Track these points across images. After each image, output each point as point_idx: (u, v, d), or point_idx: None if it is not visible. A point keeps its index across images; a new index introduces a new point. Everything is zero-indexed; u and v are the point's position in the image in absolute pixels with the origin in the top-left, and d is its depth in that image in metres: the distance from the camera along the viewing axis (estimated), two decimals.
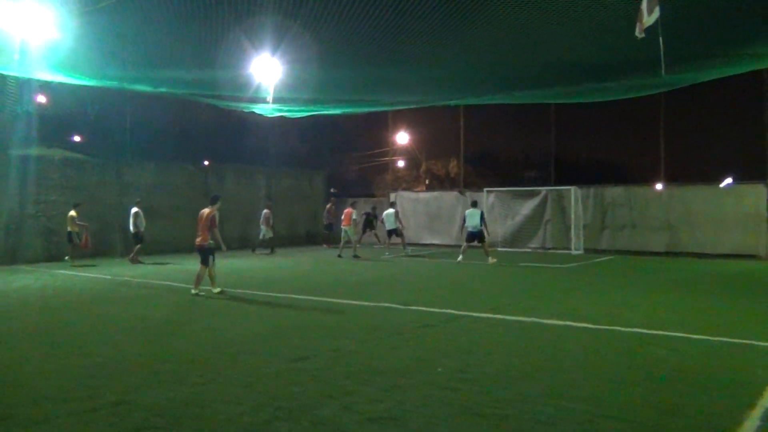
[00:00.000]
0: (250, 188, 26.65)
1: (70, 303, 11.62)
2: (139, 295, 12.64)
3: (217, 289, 12.27)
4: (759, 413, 5.12)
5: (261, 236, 23.73)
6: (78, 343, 8.07)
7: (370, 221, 24.10)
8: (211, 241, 12.26)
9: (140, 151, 23.60)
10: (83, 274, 16.13)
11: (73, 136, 30.52)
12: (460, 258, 18.90)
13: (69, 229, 18.44)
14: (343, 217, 22.16)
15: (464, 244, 19.31)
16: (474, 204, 19.70)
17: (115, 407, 5.38)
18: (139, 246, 18.97)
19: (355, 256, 20.66)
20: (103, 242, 20.67)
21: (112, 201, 21.36)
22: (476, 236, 18.95)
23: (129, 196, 21.77)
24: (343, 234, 21.90)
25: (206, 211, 12.37)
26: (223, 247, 12.57)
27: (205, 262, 12.28)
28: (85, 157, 22.13)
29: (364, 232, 24.08)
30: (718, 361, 6.93)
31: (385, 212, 22.69)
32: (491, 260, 18.44)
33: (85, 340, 8.28)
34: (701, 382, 6.05)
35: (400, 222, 22.77)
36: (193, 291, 12.20)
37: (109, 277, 15.49)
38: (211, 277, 12.37)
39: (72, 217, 18.42)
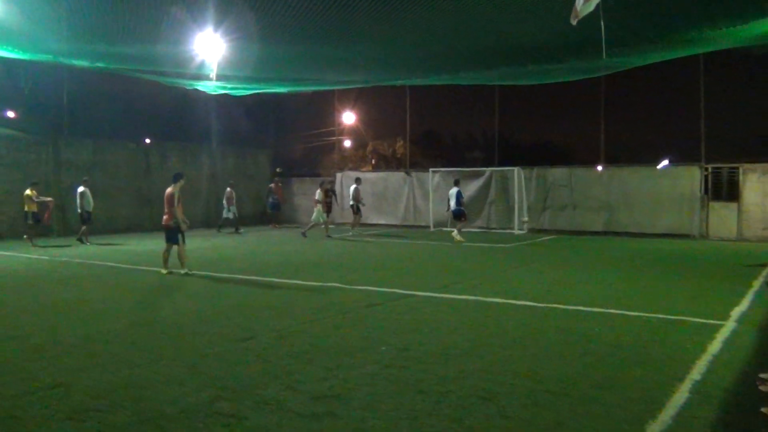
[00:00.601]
0: (193, 167, 26.16)
1: (4, 284, 11.25)
2: (78, 275, 12.33)
3: (184, 270, 12.10)
4: (688, 386, 5.35)
5: (224, 215, 23.44)
6: (12, 326, 7.84)
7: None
8: (176, 220, 12.08)
9: (78, 128, 22.88)
10: (17, 255, 15.61)
11: (5, 111, 29.31)
12: (459, 238, 19.02)
13: (26, 209, 17.76)
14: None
15: (458, 223, 19.52)
16: (456, 183, 19.96)
17: (50, 390, 5.26)
18: (85, 227, 18.44)
19: (303, 234, 20.69)
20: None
21: (48, 179, 20.68)
22: (456, 215, 19.33)
23: (67, 175, 21.16)
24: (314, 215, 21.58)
25: (169, 189, 12.17)
26: (183, 225, 12.31)
27: (172, 240, 12.14)
28: (19, 134, 21.30)
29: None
30: (651, 336, 7.18)
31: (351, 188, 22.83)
32: (458, 238, 18.74)
33: (20, 323, 8.04)
34: (635, 357, 6.27)
35: (357, 200, 22.68)
36: (182, 271, 12.06)
37: (47, 257, 15.05)
38: (180, 257, 12.25)
39: (28, 196, 17.76)
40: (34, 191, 17.95)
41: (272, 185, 26.32)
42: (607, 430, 4.43)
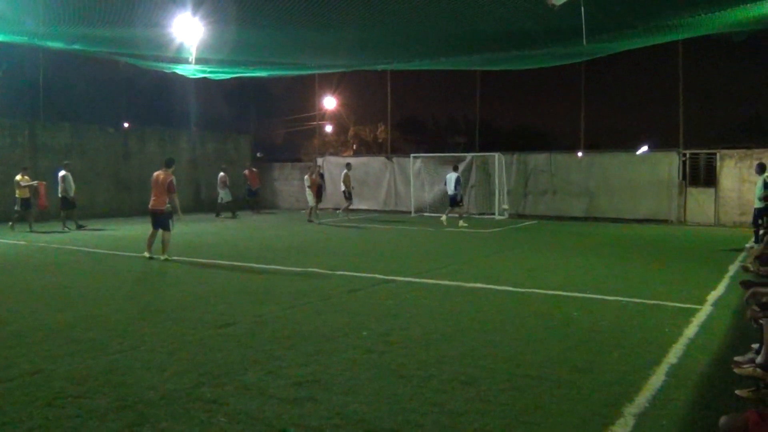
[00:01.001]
0: (173, 152, 25.89)
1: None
2: (56, 261, 12.21)
3: (164, 256, 11.99)
4: (664, 369, 5.44)
5: (219, 200, 23.29)
6: None
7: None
8: (169, 206, 12.00)
9: (55, 112, 22.57)
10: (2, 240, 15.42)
11: None
12: (461, 223, 19.23)
13: (17, 195, 17.46)
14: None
15: (456, 209, 19.68)
16: (455, 168, 20.03)
17: (30, 377, 5.22)
18: (66, 211, 18.09)
19: (309, 221, 20.74)
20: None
21: (25, 164, 20.36)
22: (453, 200, 19.49)
23: (44, 159, 20.88)
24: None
25: (161, 174, 12.04)
26: (180, 214, 12.33)
27: (163, 226, 12.01)
28: None
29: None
30: (629, 321, 7.28)
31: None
32: (461, 224, 19.03)
33: None
34: (613, 341, 6.36)
35: (348, 185, 22.67)
36: (162, 257, 11.93)
37: (24, 242, 14.88)
38: (164, 243, 12.13)
39: (17, 181, 17.44)
40: (25, 176, 17.64)
41: (246, 172, 26.07)
42: (584, 413, 4.49)
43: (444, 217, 19.38)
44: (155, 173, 12.26)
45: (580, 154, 22.42)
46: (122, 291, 9.22)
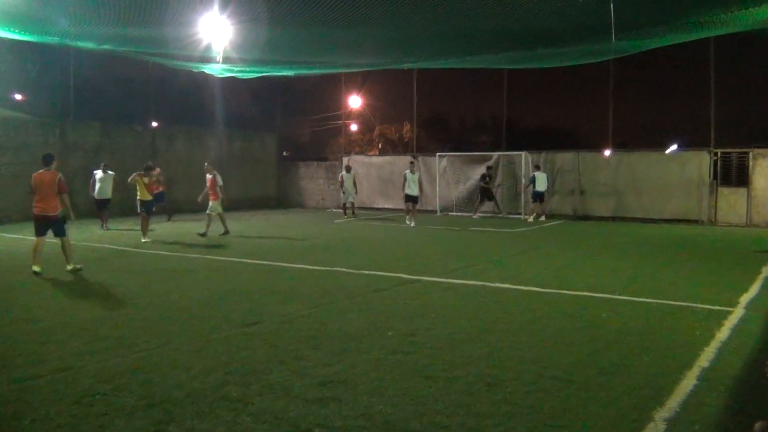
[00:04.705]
0: (201, 150, 26.14)
1: (16, 267, 11.30)
2: (84, 259, 12.36)
3: (71, 266, 10.83)
4: (696, 373, 5.33)
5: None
6: (23, 309, 7.87)
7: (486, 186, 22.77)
8: (61, 210, 10.74)
9: (85, 111, 22.86)
10: (30, 237, 15.64)
11: (13, 94, 29.31)
12: (532, 219, 21.04)
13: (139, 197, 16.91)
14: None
15: (538, 206, 21.50)
16: (537, 167, 21.47)
17: (59, 374, 5.28)
18: (101, 211, 18.09)
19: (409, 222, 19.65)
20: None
21: (57, 162, 20.67)
22: (536, 196, 21.31)
23: (75, 158, 21.18)
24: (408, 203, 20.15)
25: (45, 174, 10.61)
26: (73, 216, 11.23)
27: (59, 232, 10.88)
28: (26, 117, 21.31)
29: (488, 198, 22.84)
30: (659, 323, 7.16)
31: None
32: (541, 219, 21.12)
33: (30, 306, 8.08)
34: (643, 344, 6.25)
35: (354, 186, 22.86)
36: (69, 267, 10.78)
37: (53, 241, 15.06)
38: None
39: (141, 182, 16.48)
40: (149, 177, 15.77)
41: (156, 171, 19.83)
42: (613, 417, 4.41)
43: (530, 218, 21.20)
44: (37, 174, 10.57)
45: (607, 152, 22.13)
46: (149, 289, 9.30)
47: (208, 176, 16.88)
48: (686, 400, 4.70)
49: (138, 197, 15.55)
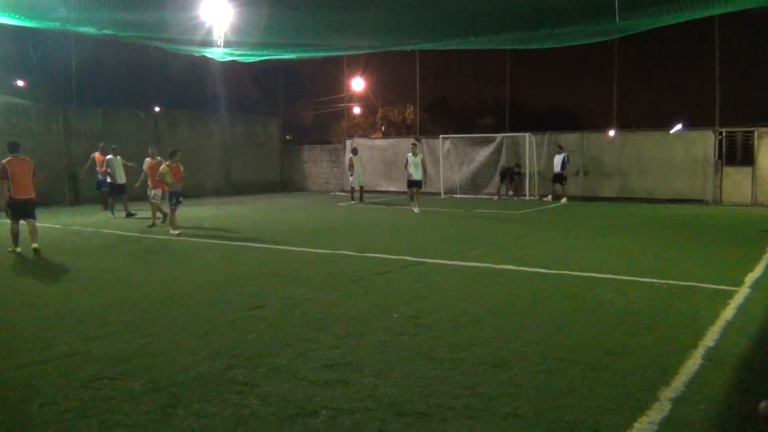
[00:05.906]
0: (203, 135, 26.14)
1: (20, 253, 11.31)
2: (91, 245, 12.40)
3: (36, 244, 11.04)
4: (701, 352, 5.32)
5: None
6: (28, 295, 7.91)
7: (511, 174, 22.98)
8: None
9: (87, 97, 22.82)
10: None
11: (15, 80, 29.27)
12: (564, 201, 21.23)
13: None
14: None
15: (560, 186, 21.79)
16: (560, 148, 21.57)
17: (66, 359, 5.31)
18: (112, 197, 17.77)
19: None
20: (52, 191, 20.09)
21: (60, 149, 20.72)
22: (557, 178, 21.56)
23: (77, 144, 21.17)
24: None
25: (17, 160, 10.96)
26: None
27: (33, 214, 11.29)
28: (28, 103, 21.28)
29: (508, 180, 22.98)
30: (664, 303, 7.15)
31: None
32: (563, 201, 21.14)
33: (35, 292, 8.12)
34: (648, 324, 6.25)
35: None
36: (35, 245, 10.97)
37: (59, 226, 15.13)
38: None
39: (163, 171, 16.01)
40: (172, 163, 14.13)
41: (96, 154, 19.08)
42: (619, 397, 4.42)
43: (564, 199, 21.26)
44: (9, 160, 10.80)
45: (612, 133, 22.05)
46: (154, 274, 9.33)
47: (149, 160, 15.66)
48: (691, 380, 4.70)
49: (166, 188, 13.92)
